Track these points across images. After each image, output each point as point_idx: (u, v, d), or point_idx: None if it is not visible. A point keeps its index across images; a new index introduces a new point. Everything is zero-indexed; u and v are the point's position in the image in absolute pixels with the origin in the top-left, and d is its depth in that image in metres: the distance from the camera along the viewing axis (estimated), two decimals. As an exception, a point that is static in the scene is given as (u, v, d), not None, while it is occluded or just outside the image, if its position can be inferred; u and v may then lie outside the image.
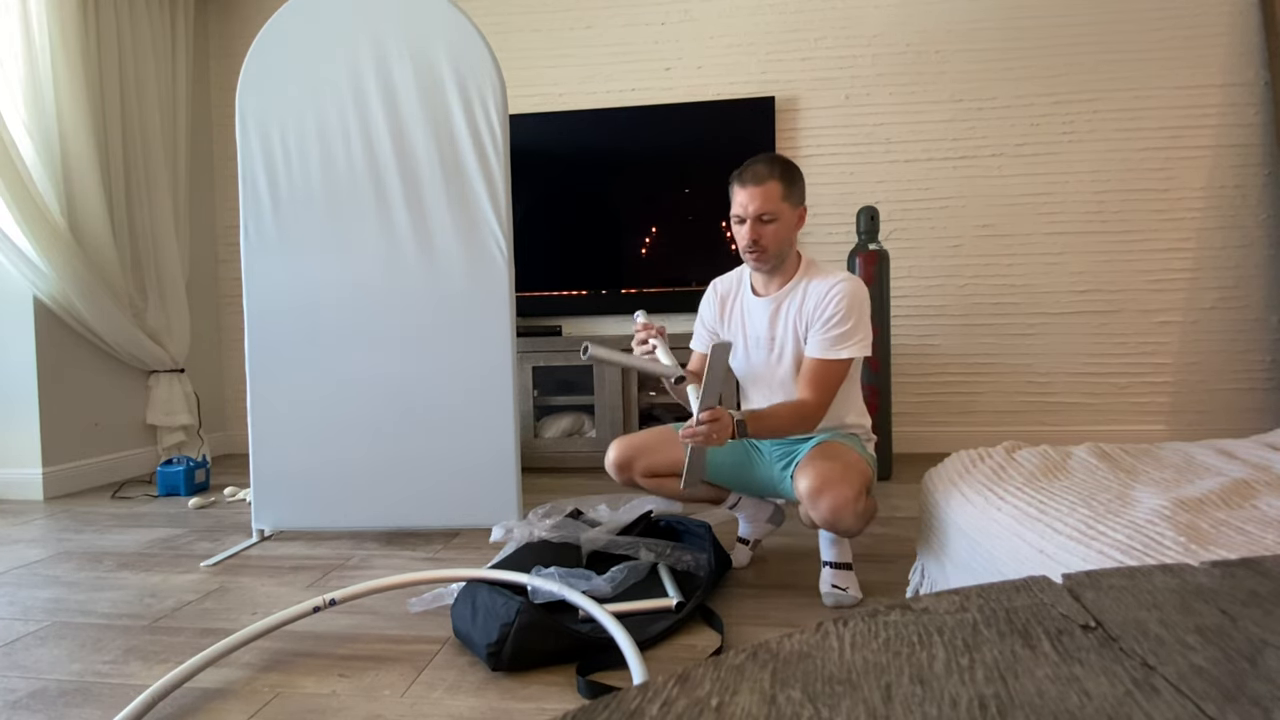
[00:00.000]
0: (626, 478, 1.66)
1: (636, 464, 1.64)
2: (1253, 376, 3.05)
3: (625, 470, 1.65)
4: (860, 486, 1.41)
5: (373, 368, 2.03)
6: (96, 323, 2.81)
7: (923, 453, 3.16)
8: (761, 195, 1.47)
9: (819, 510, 1.39)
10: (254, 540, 2.08)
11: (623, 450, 1.65)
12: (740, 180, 1.51)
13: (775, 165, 1.50)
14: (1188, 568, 0.45)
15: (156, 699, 1.13)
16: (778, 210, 1.48)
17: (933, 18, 3.14)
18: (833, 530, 1.44)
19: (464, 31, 1.99)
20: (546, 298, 3.30)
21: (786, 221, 1.50)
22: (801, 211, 1.54)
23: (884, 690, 0.32)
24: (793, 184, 1.50)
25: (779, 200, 1.48)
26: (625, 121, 3.22)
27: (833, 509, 1.38)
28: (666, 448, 1.66)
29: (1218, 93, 3.01)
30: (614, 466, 1.66)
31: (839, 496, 1.37)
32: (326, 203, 2.03)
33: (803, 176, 1.54)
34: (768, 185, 1.48)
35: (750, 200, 1.48)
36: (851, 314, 1.48)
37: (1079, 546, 0.94)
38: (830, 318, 1.48)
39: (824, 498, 1.38)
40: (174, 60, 3.27)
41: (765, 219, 1.48)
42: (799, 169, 1.54)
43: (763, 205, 1.47)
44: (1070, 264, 3.11)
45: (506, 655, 1.22)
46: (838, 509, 1.38)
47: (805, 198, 1.56)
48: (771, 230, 1.49)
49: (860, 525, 1.44)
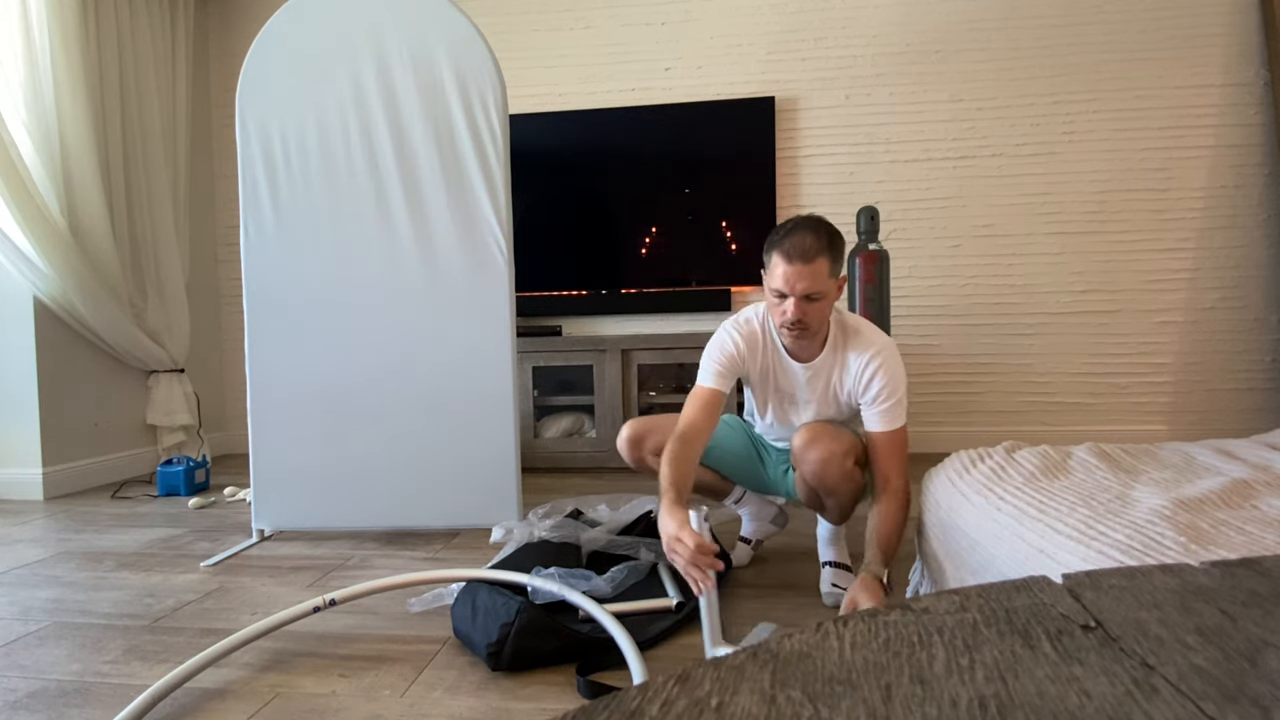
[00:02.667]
0: (637, 455, 1.65)
1: (648, 441, 1.64)
2: (1253, 376, 3.05)
3: (637, 447, 1.64)
4: (850, 447, 1.42)
5: (373, 367, 2.03)
6: (96, 323, 2.81)
7: (923, 453, 3.16)
8: (810, 275, 1.34)
9: (808, 462, 1.41)
10: (254, 540, 2.08)
11: (636, 428, 1.65)
12: (784, 253, 1.36)
13: (822, 237, 1.35)
14: (1188, 568, 0.45)
15: (156, 699, 1.13)
16: (825, 289, 1.36)
17: (933, 18, 3.14)
18: (820, 486, 1.45)
19: (464, 32, 1.99)
20: (546, 298, 3.30)
21: (831, 298, 1.40)
22: (842, 281, 1.42)
23: (884, 690, 0.32)
24: (838, 257, 1.38)
25: (826, 278, 1.36)
26: (625, 121, 3.22)
27: (820, 459, 1.40)
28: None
29: (1218, 93, 3.01)
30: (626, 443, 1.65)
31: (826, 449, 1.40)
32: (326, 202, 2.03)
33: (844, 241, 1.42)
34: (816, 264, 1.34)
35: (799, 279, 1.34)
36: (899, 386, 1.44)
37: (1079, 546, 0.94)
38: (878, 394, 1.44)
39: (813, 449, 1.40)
40: (174, 60, 3.27)
41: (812, 297, 1.36)
42: (842, 236, 1.41)
43: (811, 285, 1.34)
44: (1070, 264, 3.11)
45: (506, 655, 1.22)
46: (825, 460, 1.40)
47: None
48: (817, 308, 1.38)
49: (848, 489, 1.45)
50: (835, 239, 1.39)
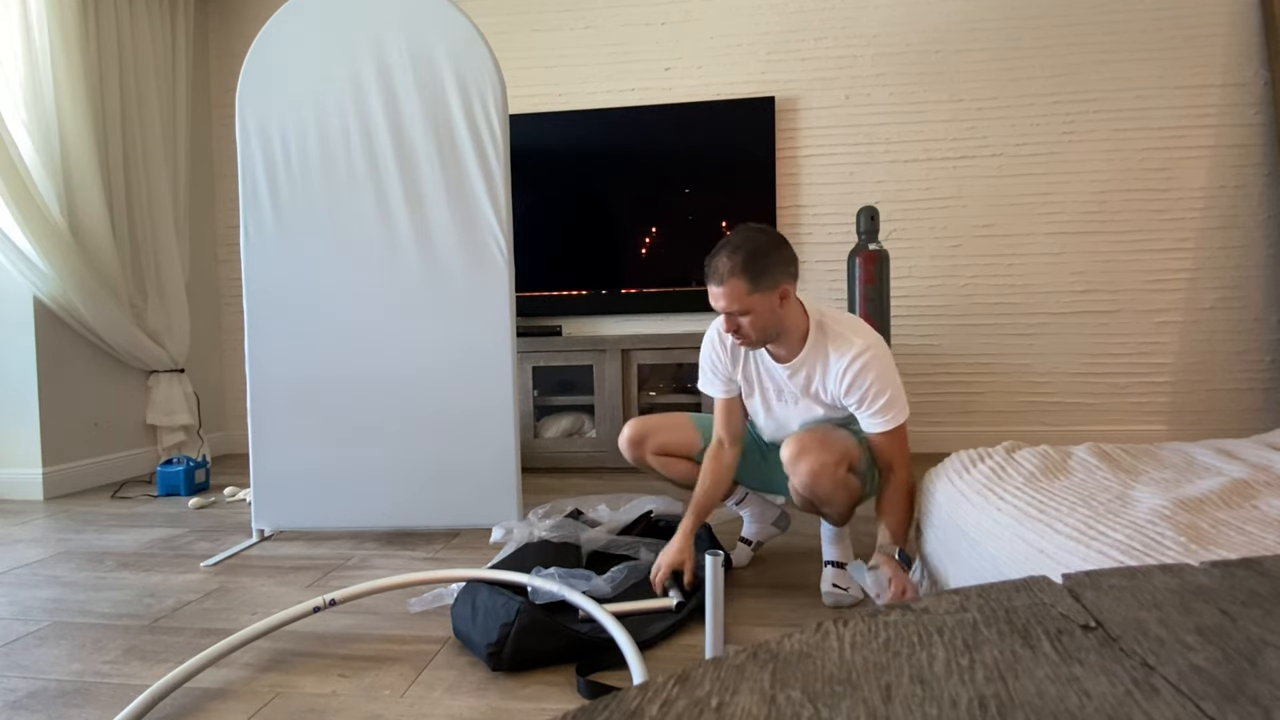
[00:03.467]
0: (638, 454, 1.70)
1: (649, 441, 1.68)
2: (1253, 376, 3.05)
3: (638, 447, 1.69)
4: (840, 454, 1.42)
5: (373, 368, 2.03)
6: (96, 323, 2.81)
7: (923, 453, 3.16)
8: (726, 295, 1.38)
9: (798, 474, 1.41)
10: (254, 540, 2.08)
11: (636, 427, 1.69)
12: (706, 273, 1.41)
13: (736, 257, 1.36)
14: (1188, 568, 0.45)
15: (156, 699, 1.13)
16: (748, 304, 1.38)
17: (933, 18, 3.14)
18: (814, 497, 1.45)
19: (464, 32, 1.99)
20: (546, 298, 3.30)
21: (762, 310, 1.39)
22: (783, 290, 1.40)
23: (884, 690, 0.32)
24: (759, 275, 1.36)
25: (745, 296, 1.37)
26: (625, 121, 3.22)
27: (811, 471, 1.39)
28: (680, 429, 1.70)
29: (1218, 93, 3.01)
30: (627, 442, 1.69)
31: (816, 460, 1.39)
32: (326, 202, 2.03)
33: (777, 253, 1.39)
34: (730, 284, 1.37)
35: (717, 300, 1.39)
36: (885, 386, 1.42)
37: (1079, 546, 0.94)
38: (866, 394, 1.42)
39: (802, 461, 1.40)
40: (174, 60, 3.27)
41: (737, 312, 1.39)
42: (772, 250, 1.38)
43: (729, 304, 1.38)
44: (1070, 264, 3.11)
45: (506, 655, 1.22)
46: (815, 472, 1.39)
47: (787, 275, 1.40)
48: (748, 321, 1.40)
49: (842, 497, 1.45)
50: (754, 259, 1.36)
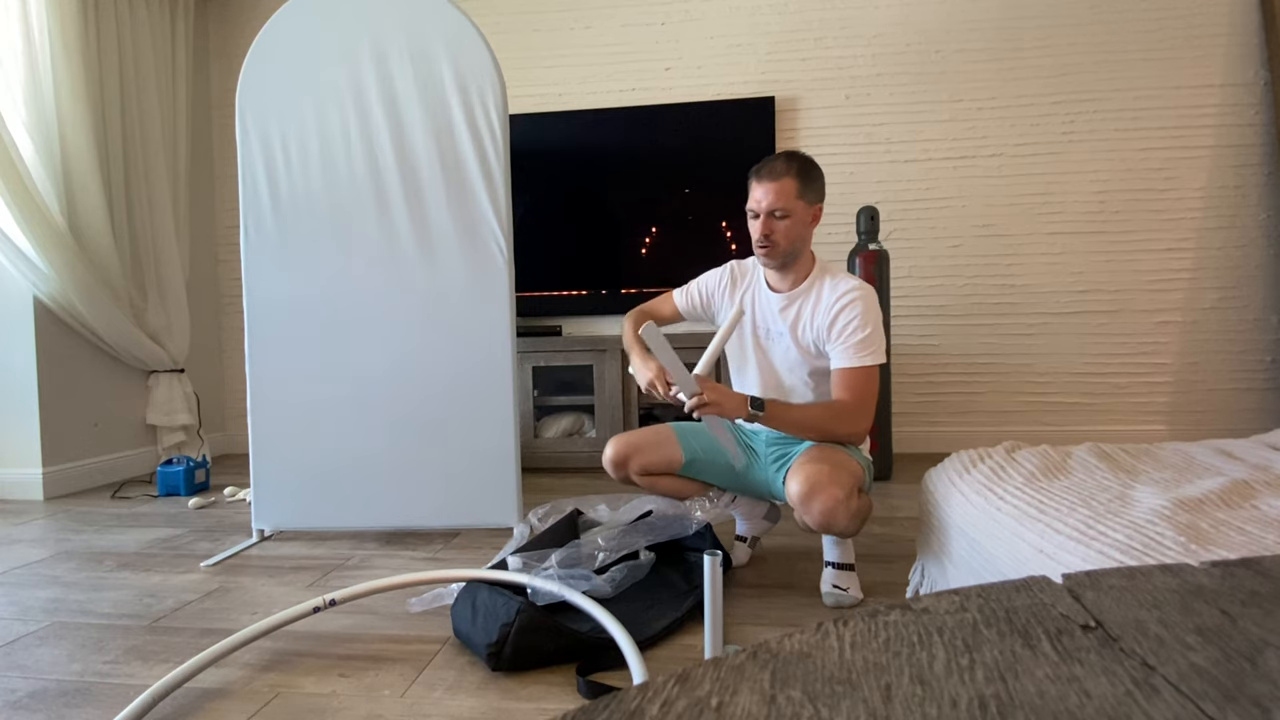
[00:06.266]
0: (623, 475, 1.68)
1: (632, 462, 1.66)
2: (1253, 376, 3.05)
3: (621, 468, 1.67)
4: (851, 486, 1.41)
5: (373, 368, 2.03)
6: (96, 323, 2.81)
7: (923, 453, 3.16)
8: (776, 190, 1.48)
9: (811, 514, 1.39)
10: (254, 540, 2.08)
11: (619, 448, 1.67)
12: (757, 175, 1.52)
13: (793, 162, 1.50)
14: (1188, 568, 0.45)
15: (156, 699, 1.13)
16: (791, 207, 1.48)
17: (933, 18, 3.14)
18: (828, 533, 1.44)
19: (464, 31, 1.99)
20: (546, 298, 3.30)
21: (800, 219, 1.50)
22: (817, 210, 1.54)
23: (884, 690, 0.32)
24: (809, 182, 1.50)
25: (793, 197, 1.48)
26: (625, 121, 3.21)
27: (824, 512, 1.38)
28: (662, 446, 1.67)
29: (1218, 93, 3.01)
30: (610, 464, 1.67)
31: (830, 499, 1.37)
32: (327, 202, 2.03)
33: (822, 174, 1.54)
34: (783, 181, 1.48)
35: (765, 195, 1.49)
36: (868, 322, 1.48)
37: (1079, 546, 0.94)
38: (847, 326, 1.48)
39: (815, 501, 1.38)
40: (174, 60, 3.27)
41: (778, 215, 1.48)
42: (818, 167, 1.54)
43: (776, 201, 1.48)
44: (1070, 264, 3.11)
45: (506, 655, 1.22)
46: (829, 511, 1.37)
47: (824, 195, 1.55)
48: (784, 226, 1.49)
49: (856, 525, 1.44)
50: (808, 166, 1.52)
